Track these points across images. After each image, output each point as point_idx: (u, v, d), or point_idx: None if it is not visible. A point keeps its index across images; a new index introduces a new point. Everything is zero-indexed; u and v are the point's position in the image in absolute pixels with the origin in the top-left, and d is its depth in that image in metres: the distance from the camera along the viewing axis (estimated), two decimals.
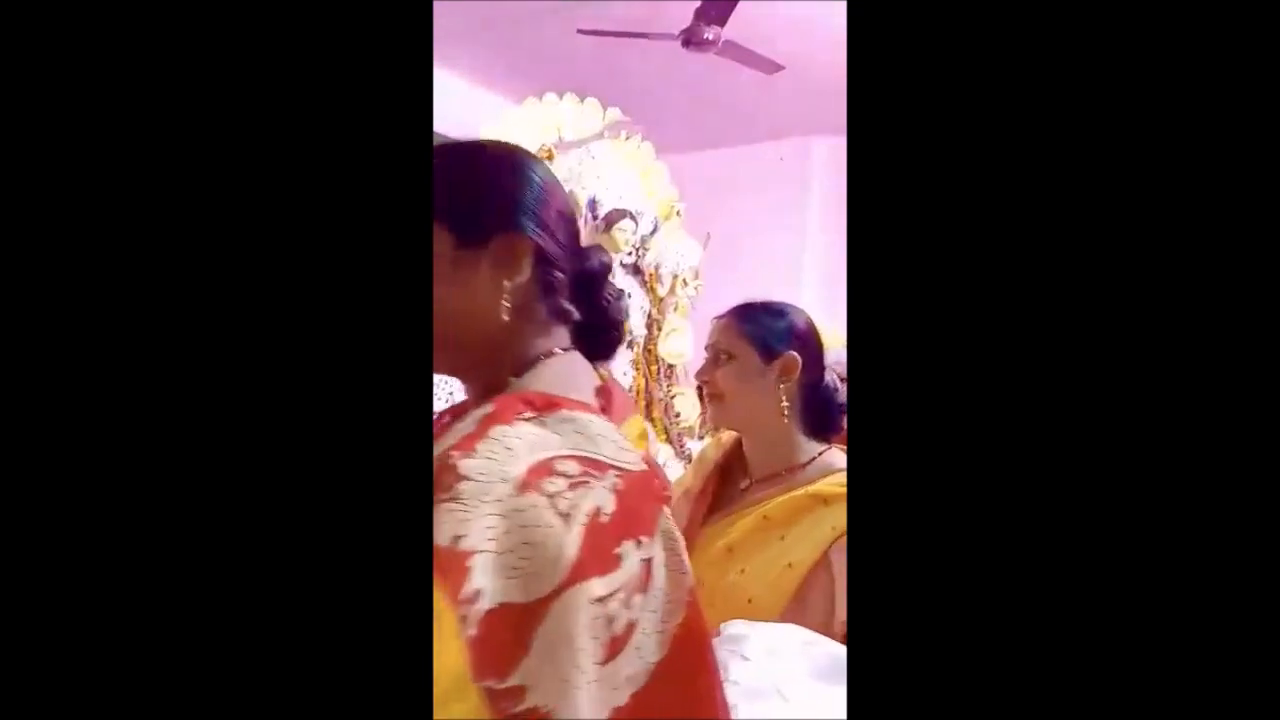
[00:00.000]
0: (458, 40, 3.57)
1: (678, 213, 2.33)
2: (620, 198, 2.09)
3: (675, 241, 2.30)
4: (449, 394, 1.67)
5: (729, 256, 2.91)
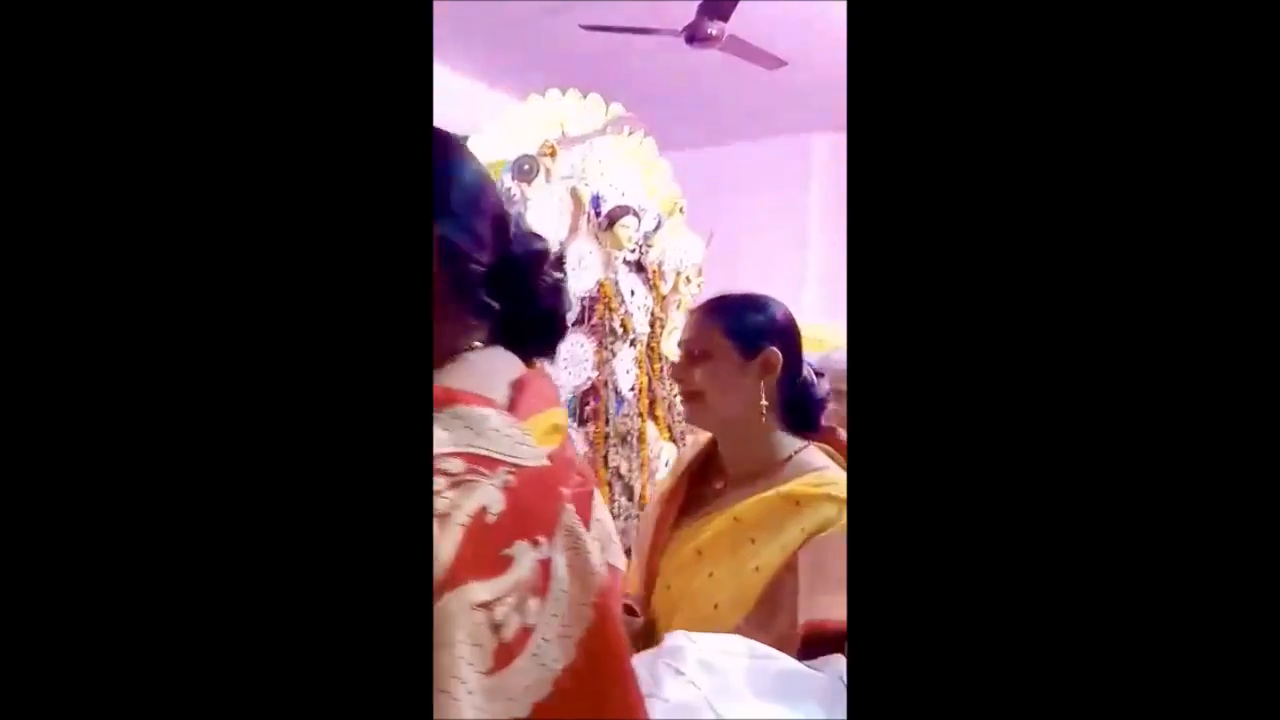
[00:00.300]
0: (458, 39, 3.57)
1: (680, 209, 2.33)
2: (623, 194, 2.08)
3: (678, 238, 2.29)
4: None
5: (729, 253, 2.90)
